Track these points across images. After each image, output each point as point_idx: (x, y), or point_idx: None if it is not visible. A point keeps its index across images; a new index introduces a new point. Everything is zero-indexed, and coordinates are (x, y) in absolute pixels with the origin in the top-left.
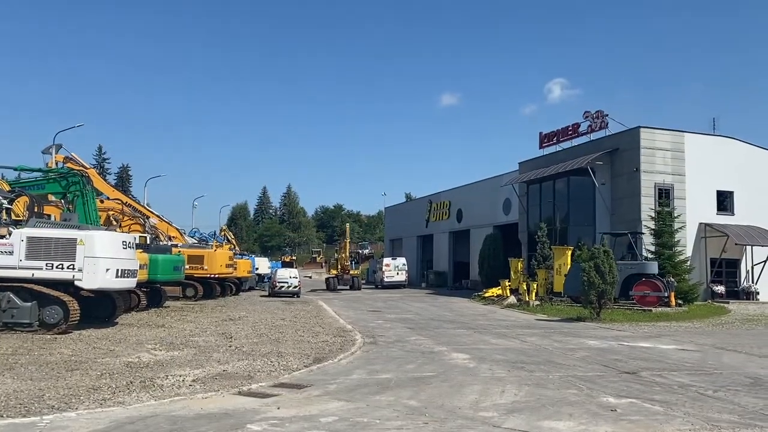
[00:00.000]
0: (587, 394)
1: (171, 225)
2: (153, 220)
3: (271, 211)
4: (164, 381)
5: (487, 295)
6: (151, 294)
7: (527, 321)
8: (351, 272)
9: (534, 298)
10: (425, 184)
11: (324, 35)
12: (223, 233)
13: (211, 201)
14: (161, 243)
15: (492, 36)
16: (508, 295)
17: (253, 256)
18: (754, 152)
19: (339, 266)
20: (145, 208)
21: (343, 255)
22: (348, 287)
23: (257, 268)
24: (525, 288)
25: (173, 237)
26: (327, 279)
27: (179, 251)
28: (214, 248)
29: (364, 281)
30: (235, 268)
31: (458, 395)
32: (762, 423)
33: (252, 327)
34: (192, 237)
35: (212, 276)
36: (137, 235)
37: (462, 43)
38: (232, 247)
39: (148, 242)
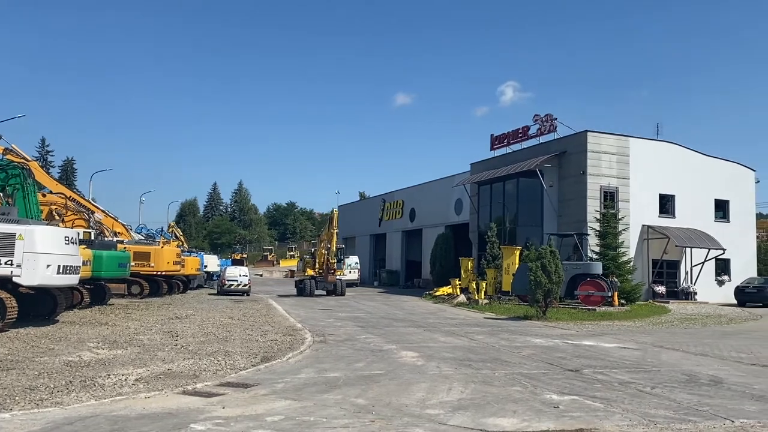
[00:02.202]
0: (531, 391)
1: (117, 220)
2: (98, 216)
3: (221, 207)
4: (106, 380)
5: (438, 293)
6: (94, 291)
7: (476, 319)
8: (336, 273)
9: (483, 297)
10: (379, 183)
11: (278, 33)
12: (171, 230)
13: (159, 197)
14: (106, 239)
15: (446, 37)
16: (459, 293)
17: (202, 253)
18: (694, 157)
19: (317, 265)
20: (89, 202)
21: (322, 251)
22: (327, 292)
23: (206, 266)
24: (474, 287)
25: (119, 233)
26: (300, 281)
27: (125, 247)
28: (161, 245)
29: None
30: (183, 266)
31: (406, 393)
32: (695, 418)
33: (199, 325)
34: (138, 233)
35: (159, 273)
36: (81, 230)
37: (416, 44)
38: (180, 243)
39: (92, 238)
